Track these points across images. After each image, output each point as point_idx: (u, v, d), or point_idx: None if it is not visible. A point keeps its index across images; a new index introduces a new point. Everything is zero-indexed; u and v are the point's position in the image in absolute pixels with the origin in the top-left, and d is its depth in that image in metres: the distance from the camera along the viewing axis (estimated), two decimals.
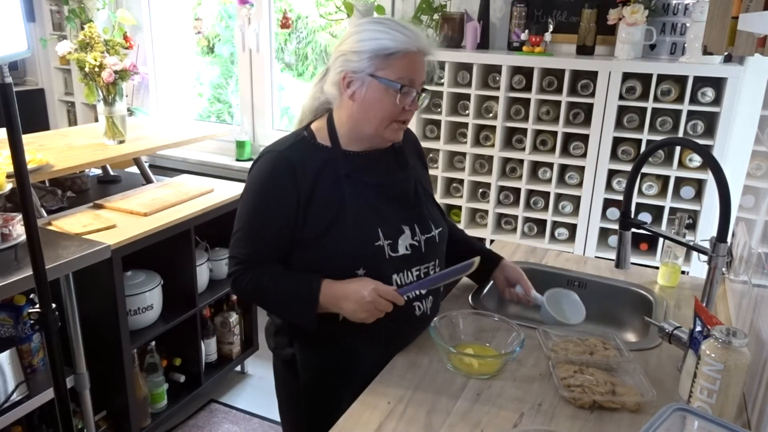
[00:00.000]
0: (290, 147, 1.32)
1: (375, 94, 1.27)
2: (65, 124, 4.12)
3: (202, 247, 2.61)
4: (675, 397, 1.23)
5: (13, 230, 1.74)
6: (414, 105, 1.30)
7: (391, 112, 1.28)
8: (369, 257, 1.30)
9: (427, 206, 1.43)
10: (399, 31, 1.25)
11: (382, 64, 1.25)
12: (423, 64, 1.30)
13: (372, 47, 1.24)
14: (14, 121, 1.29)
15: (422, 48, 1.28)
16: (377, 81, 1.25)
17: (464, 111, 2.67)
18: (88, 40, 2.69)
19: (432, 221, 1.41)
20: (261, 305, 1.47)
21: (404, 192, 1.39)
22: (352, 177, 1.32)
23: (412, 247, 1.35)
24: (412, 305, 1.37)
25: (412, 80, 1.27)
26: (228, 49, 4.05)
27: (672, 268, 1.73)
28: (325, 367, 1.38)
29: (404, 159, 1.43)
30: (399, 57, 1.25)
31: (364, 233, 1.30)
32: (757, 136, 1.59)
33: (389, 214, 1.34)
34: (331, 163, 1.32)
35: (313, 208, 1.29)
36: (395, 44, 1.24)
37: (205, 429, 2.56)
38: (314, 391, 1.40)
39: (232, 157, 3.61)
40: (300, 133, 1.37)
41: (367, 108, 1.28)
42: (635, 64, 2.34)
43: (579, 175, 2.54)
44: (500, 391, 1.24)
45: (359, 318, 1.27)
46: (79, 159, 2.52)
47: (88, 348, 2.03)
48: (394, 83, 1.25)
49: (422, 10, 2.78)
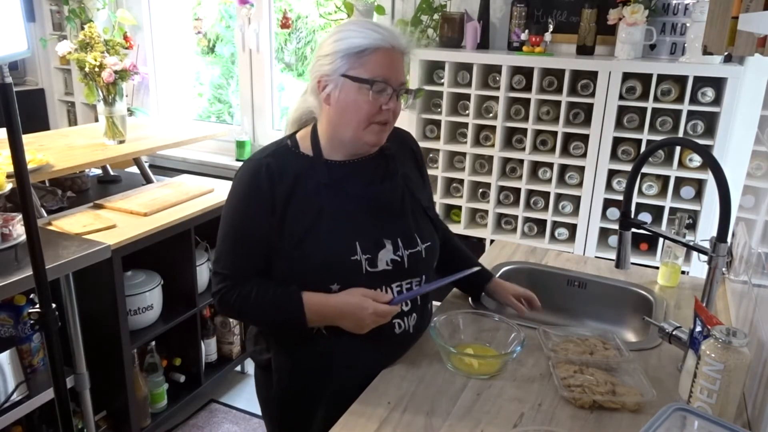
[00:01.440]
0: (270, 154, 1.28)
1: (349, 95, 1.22)
2: (65, 124, 4.12)
3: (202, 247, 2.61)
4: (675, 397, 1.23)
5: (13, 230, 1.74)
6: (392, 104, 1.24)
7: (367, 113, 1.23)
8: (344, 271, 1.25)
9: (416, 218, 1.35)
10: (372, 29, 1.21)
11: (355, 63, 1.20)
12: (399, 62, 1.24)
13: (343, 47, 1.20)
14: (14, 121, 1.29)
15: (397, 45, 1.23)
16: (350, 81, 1.21)
17: (464, 111, 2.67)
18: (88, 40, 2.69)
19: (419, 235, 1.33)
20: (248, 320, 1.44)
21: (389, 203, 1.32)
22: (332, 187, 1.27)
23: (394, 262, 1.28)
24: (393, 323, 1.31)
25: (386, 77, 1.21)
26: (228, 49, 4.05)
27: (672, 268, 1.73)
28: (299, 372, 1.34)
29: (395, 167, 1.36)
30: (370, 54, 1.20)
31: (339, 246, 1.25)
32: (757, 136, 1.59)
33: (370, 227, 1.28)
34: (311, 171, 1.27)
35: (289, 217, 1.24)
36: (366, 41, 1.20)
37: (205, 429, 2.56)
38: (287, 397, 1.36)
39: (232, 157, 3.61)
40: (282, 141, 1.33)
41: (342, 110, 1.24)
42: (635, 64, 2.34)
43: (579, 175, 2.54)
44: (500, 391, 1.24)
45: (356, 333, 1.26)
46: (79, 159, 2.52)
47: (88, 348, 2.03)
48: (367, 80, 1.20)
49: (422, 10, 2.78)
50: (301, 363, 1.34)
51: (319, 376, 1.33)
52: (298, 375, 1.34)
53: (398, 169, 1.37)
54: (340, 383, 1.30)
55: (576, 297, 1.78)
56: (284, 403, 1.37)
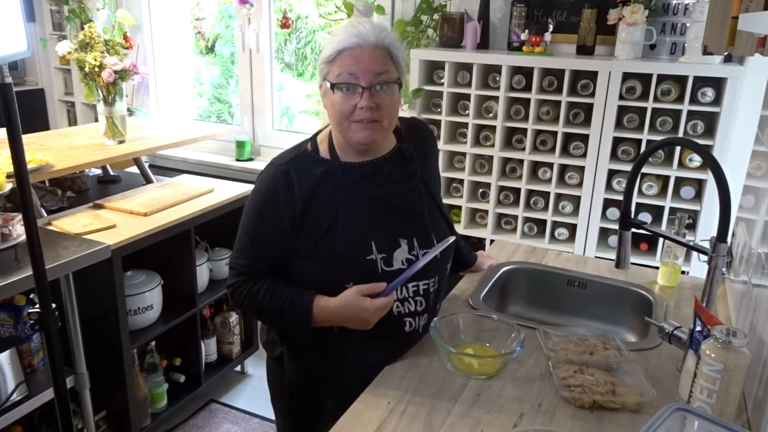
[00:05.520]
0: (289, 161, 1.32)
1: (329, 99, 1.28)
2: (65, 124, 4.11)
3: (202, 247, 2.61)
4: (675, 397, 1.23)
5: (13, 230, 1.74)
6: (365, 101, 1.23)
7: (341, 112, 1.26)
8: (360, 271, 1.28)
9: (432, 218, 1.38)
10: (344, 32, 1.25)
11: (329, 69, 1.27)
12: (369, 57, 1.23)
13: (325, 54, 1.27)
14: (14, 121, 1.29)
15: (364, 42, 1.23)
16: (327, 86, 1.27)
17: (464, 111, 2.67)
18: (88, 40, 2.69)
19: (435, 235, 1.36)
20: (257, 317, 1.48)
21: (406, 203, 1.36)
22: (348, 188, 1.31)
23: (409, 261, 1.32)
24: (404, 320, 1.34)
25: (351, 74, 1.23)
26: (228, 49, 4.04)
27: (672, 268, 1.73)
28: (310, 373, 1.38)
29: (414, 168, 1.39)
30: (338, 57, 1.25)
31: (355, 246, 1.29)
32: (757, 136, 1.59)
33: (386, 227, 1.31)
34: (329, 175, 1.31)
35: (309, 221, 1.29)
36: (333, 46, 1.25)
37: (205, 429, 2.56)
38: (299, 391, 1.41)
39: (232, 157, 3.61)
40: (302, 145, 1.37)
41: (330, 114, 1.30)
42: (635, 64, 2.34)
43: (579, 175, 2.54)
44: (500, 391, 1.24)
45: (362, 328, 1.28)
46: (79, 159, 2.52)
47: (88, 348, 2.03)
48: (333, 84, 1.25)
49: (422, 10, 2.77)
50: (311, 359, 1.37)
51: (329, 372, 1.36)
52: (309, 371, 1.38)
53: (417, 169, 1.40)
54: (350, 380, 1.31)
55: (576, 297, 1.78)
56: (296, 396, 1.40)
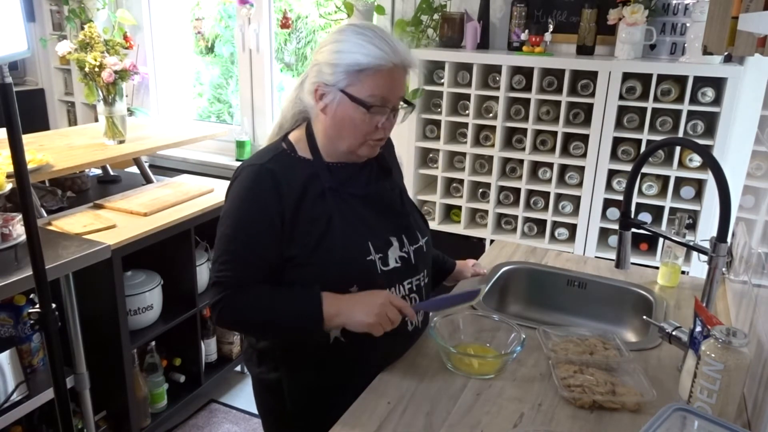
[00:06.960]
0: (271, 160, 1.25)
1: (346, 111, 1.21)
2: (65, 124, 4.12)
3: (202, 247, 2.61)
4: (675, 397, 1.23)
5: (13, 230, 1.74)
6: (389, 123, 1.25)
7: (363, 132, 1.23)
8: (361, 273, 1.25)
9: (413, 215, 1.39)
10: (376, 45, 1.18)
11: (354, 80, 1.19)
12: (400, 80, 1.23)
13: (346, 61, 1.18)
14: (14, 121, 1.29)
15: (398, 63, 1.20)
16: (348, 98, 1.20)
17: (464, 111, 2.67)
18: (88, 40, 2.69)
19: (419, 230, 1.37)
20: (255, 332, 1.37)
21: (390, 201, 1.35)
22: (337, 190, 1.26)
23: (402, 259, 1.30)
24: (405, 320, 1.30)
25: (384, 98, 1.21)
26: (228, 49, 4.05)
27: (672, 268, 1.73)
28: (313, 391, 1.32)
29: (387, 166, 1.38)
30: (371, 74, 1.18)
31: (354, 248, 1.25)
32: (757, 136, 1.59)
33: (378, 226, 1.29)
34: (315, 177, 1.26)
35: (300, 225, 1.23)
36: (368, 60, 1.17)
37: (205, 429, 2.56)
38: (302, 415, 1.34)
39: (232, 157, 3.61)
40: (278, 145, 1.30)
41: (339, 124, 1.23)
42: (635, 64, 2.34)
43: (579, 175, 2.54)
44: (500, 391, 1.24)
45: (366, 324, 1.19)
46: (79, 159, 2.52)
47: (88, 348, 2.03)
48: (364, 102, 1.19)
49: (422, 10, 2.77)
50: (315, 381, 1.31)
51: (333, 390, 1.31)
52: (312, 393, 1.32)
53: (390, 166, 1.40)
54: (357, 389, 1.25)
55: (576, 297, 1.78)
56: (299, 421, 1.34)
